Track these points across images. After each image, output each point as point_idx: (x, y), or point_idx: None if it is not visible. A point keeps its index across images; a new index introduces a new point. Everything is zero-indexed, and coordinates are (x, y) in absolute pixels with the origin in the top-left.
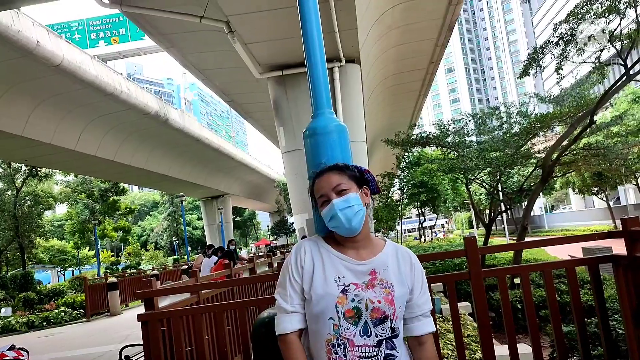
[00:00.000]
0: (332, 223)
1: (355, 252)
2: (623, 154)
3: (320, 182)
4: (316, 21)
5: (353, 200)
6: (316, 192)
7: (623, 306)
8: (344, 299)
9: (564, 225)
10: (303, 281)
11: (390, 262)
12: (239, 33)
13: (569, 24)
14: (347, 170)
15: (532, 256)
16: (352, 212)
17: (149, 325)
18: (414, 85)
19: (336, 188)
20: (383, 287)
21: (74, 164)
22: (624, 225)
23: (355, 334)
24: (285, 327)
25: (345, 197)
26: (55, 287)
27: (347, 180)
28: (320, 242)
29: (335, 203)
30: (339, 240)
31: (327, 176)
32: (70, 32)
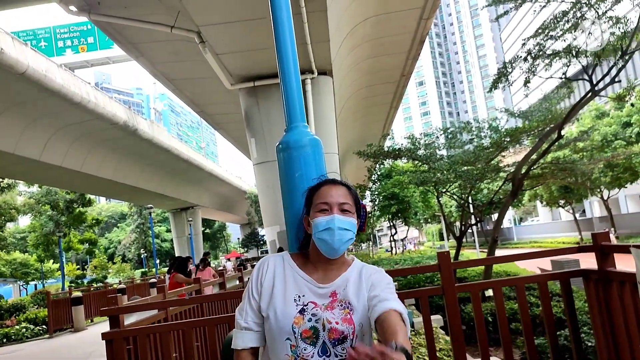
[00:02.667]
0: (322, 235)
1: (322, 274)
2: (589, 169)
3: (329, 190)
4: (290, 34)
5: (352, 226)
6: (319, 197)
7: (593, 319)
8: (300, 319)
9: (532, 237)
10: (261, 299)
11: (351, 281)
12: (210, 43)
13: (536, 40)
14: (354, 192)
15: (502, 269)
16: (346, 237)
17: (114, 344)
18: (386, 98)
19: (343, 205)
20: (342, 308)
21: (39, 174)
22: (594, 240)
23: (313, 354)
24: (237, 343)
25: (348, 219)
26: (16, 302)
27: (352, 203)
28: (287, 258)
29: (337, 219)
30: (311, 258)
31: (339, 188)
32: (37, 40)
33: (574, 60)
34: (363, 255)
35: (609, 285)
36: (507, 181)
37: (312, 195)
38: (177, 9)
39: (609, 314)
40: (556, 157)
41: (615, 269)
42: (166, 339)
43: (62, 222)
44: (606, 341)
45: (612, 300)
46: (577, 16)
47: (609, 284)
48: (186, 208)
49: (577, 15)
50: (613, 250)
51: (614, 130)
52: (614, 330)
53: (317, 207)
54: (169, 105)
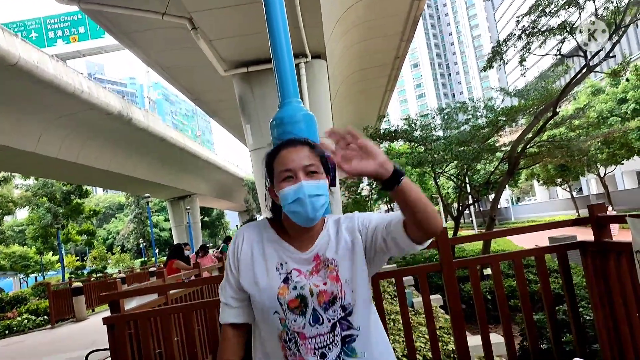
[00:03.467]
0: (293, 207)
1: (301, 240)
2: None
3: (289, 154)
4: (281, 11)
5: (323, 188)
6: (279, 164)
7: (591, 291)
8: (285, 289)
9: (529, 217)
10: (240, 274)
11: (331, 238)
12: (203, 30)
13: (530, 17)
14: (317, 148)
15: (500, 247)
16: (319, 203)
17: (115, 329)
18: (381, 81)
19: (308, 167)
20: (326, 267)
21: (35, 166)
22: (590, 212)
23: (304, 325)
24: (221, 317)
25: (316, 182)
26: (17, 294)
27: (317, 162)
28: (264, 226)
29: (306, 186)
30: (286, 227)
31: (299, 149)
32: (27, 31)
33: (568, 37)
34: None
35: (606, 256)
36: (503, 161)
37: (271, 162)
38: None
39: (607, 286)
40: (552, 135)
41: (612, 240)
42: (167, 322)
43: (60, 214)
44: (604, 313)
45: (609, 272)
46: None
47: (606, 256)
48: (184, 197)
49: None
50: (609, 221)
51: (610, 106)
52: (612, 301)
53: (280, 175)
54: (164, 94)
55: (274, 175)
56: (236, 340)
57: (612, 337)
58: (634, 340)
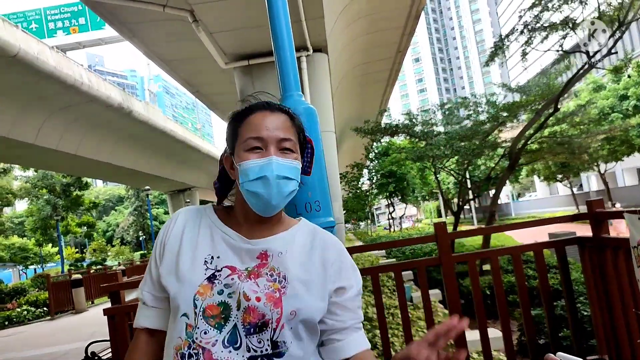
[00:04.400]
0: (254, 186)
1: (251, 230)
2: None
3: (263, 119)
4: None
5: (296, 172)
6: (248, 129)
7: (589, 288)
8: (207, 289)
9: (530, 212)
10: (162, 264)
11: (296, 245)
12: (204, 22)
13: (533, 12)
14: (297, 121)
15: (500, 243)
16: (288, 189)
17: (116, 320)
18: (382, 75)
19: (283, 142)
20: (272, 280)
21: (34, 158)
22: (589, 208)
23: (216, 342)
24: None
25: (290, 161)
26: (17, 285)
27: (295, 138)
28: (208, 211)
29: (276, 163)
30: (236, 213)
31: (277, 116)
32: (27, 22)
33: (571, 33)
34: (362, 233)
35: (603, 252)
36: (504, 157)
37: (237, 125)
38: None
39: (604, 281)
40: (553, 132)
41: (609, 235)
42: None
43: (60, 206)
44: (601, 308)
45: (606, 267)
46: None
47: (603, 251)
48: (183, 190)
49: None
50: (607, 217)
51: (611, 103)
52: (609, 296)
53: (246, 143)
54: (164, 87)
55: (237, 142)
56: (149, 349)
57: (608, 332)
58: (630, 336)
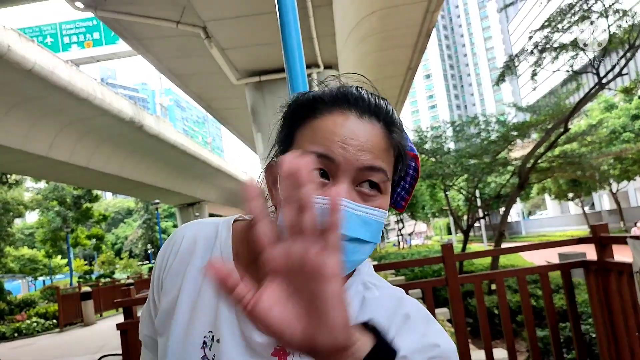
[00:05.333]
0: None
1: None
2: (596, 163)
3: (340, 127)
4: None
5: (376, 229)
6: (310, 137)
7: (593, 309)
8: None
9: (540, 231)
10: (158, 309)
11: None
12: (216, 39)
13: (543, 33)
14: (397, 134)
15: (510, 262)
16: (356, 258)
17: (128, 334)
18: (392, 92)
19: (367, 173)
20: None
21: (46, 170)
22: (593, 232)
23: None
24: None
25: (372, 211)
26: (26, 297)
27: (389, 166)
28: (224, 240)
29: (349, 215)
30: None
31: (367, 126)
32: (42, 36)
33: (581, 54)
34: None
35: (607, 275)
36: (514, 174)
37: (296, 125)
38: (182, 4)
39: (608, 304)
40: (564, 151)
41: (613, 260)
42: None
43: (70, 218)
44: (606, 331)
45: (610, 290)
46: (583, 9)
47: (607, 275)
48: (193, 203)
49: (584, 8)
50: (611, 241)
51: (623, 122)
52: (613, 319)
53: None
54: (175, 100)
55: (288, 148)
56: None
57: (612, 355)
58: (633, 359)
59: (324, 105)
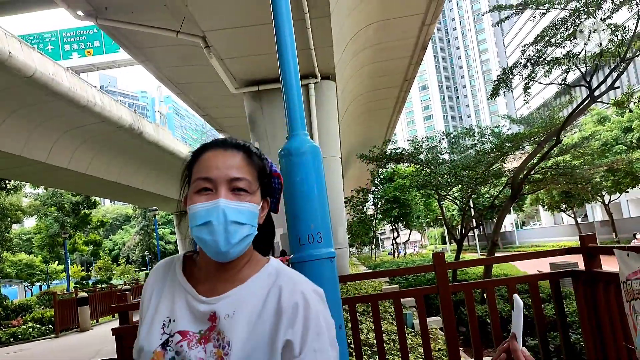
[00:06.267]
0: (201, 232)
1: (211, 285)
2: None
3: (213, 158)
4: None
5: (249, 215)
6: (198, 169)
7: (582, 318)
8: (160, 356)
9: (534, 241)
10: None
11: (248, 301)
12: (215, 48)
13: (536, 47)
14: (256, 159)
15: (503, 271)
16: (239, 235)
17: (124, 340)
18: (389, 102)
19: (235, 182)
20: (217, 346)
21: (45, 176)
22: (582, 242)
23: None
24: None
25: (240, 204)
26: (22, 302)
27: (252, 177)
28: (177, 264)
29: (224, 206)
30: (201, 262)
31: (230, 155)
32: (43, 43)
33: (573, 67)
34: (366, 258)
35: (595, 285)
36: (507, 186)
37: (191, 165)
38: (183, 14)
39: (596, 314)
40: (557, 162)
41: (601, 270)
42: None
43: (68, 224)
44: (594, 340)
45: (598, 300)
46: (575, 23)
47: (595, 284)
48: None
49: (576, 22)
50: (599, 251)
51: (615, 135)
52: (601, 329)
53: (195, 184)
54: (174, 108)
55: (190, 183)
56: None
57: None
58: None
59: (206, 148)
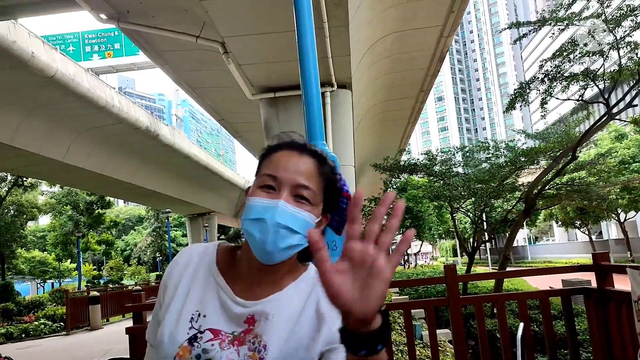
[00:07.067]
0: (251, 226)
1: (249, 283)
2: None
3: (284, 159)
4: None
5: (303, 224)
6: (268, 165)
7: (592, 336)
8: (186, 352)
9: (546, 257)
10: (162, 308)
11: (288, 305)
12: (234, 54)
13: (554, 62)
14: (328, 172)
15: (514, 286)
16: (286, 242)
17: (137, 339)
18: (404, 113)
19: (299, 188)
20: (253, 349)
21: (62, 175)
22: (594, 260)
23: None
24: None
25: (297, 211)
26: (35, 298)
27: (318, 189)
28: (211, 254)
29: (281, 208)
30: (242, 258)
31: (301, 160)
32: (65, 44)
33: (591, 84)
34: None
35: (607, 303)
36: (520, 200)
37: (262, 160)
38: (203, 19)
39: (607, 332)
40: (572, 178)
41: (613, 288)
42: None
43: (82, 223)
44: (604, 358)
45: (609, 319)
46: (595, 40)
47: (607, 303)
48: (203, 214)
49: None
50: (611, 269)
51: (632, 152)
52: (611, 347)
53: (261, 179)
54: (190, 112)
55: (257, 177)
56: None
57: None
58: None
59: (280, 147)
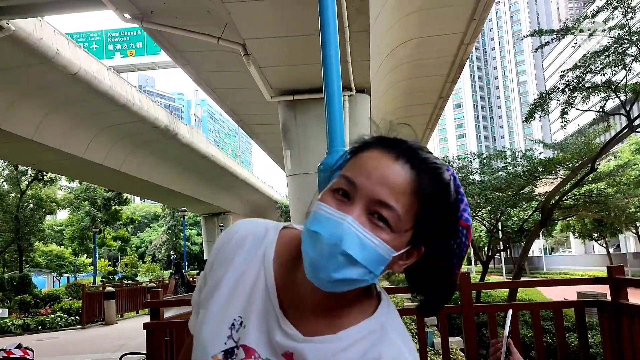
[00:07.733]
0: (307, 239)
1: (305, 310)
2: (622, 204)
3: (370, 162)
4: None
5: (371, 255)
6: (350, 166)
7: (605, 349)
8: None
9: (562, 269)
10: (206, 284)
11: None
12: (254, 56)
13: (575, 73)
14: (430, 192)
15: (528, 297)
16: (344, 273)
17: (154, 335)
18: (422, 119)
19: (377, 206)
20: None
21: (81, 171)
22: (609, 273)
23: None
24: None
25: (369, 235)
26: (51, 292)
27: (406, 213)
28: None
29: (347, 227)
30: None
31: (392, 167)
32: (89, 42)
33: (612, 95)
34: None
35: (620, 317)
36: (537, 210)
37: (352, 155)
38: (224, 21)
39: (620, 346)
40: (590, 190)
41: (627, 302)
42: None
43: (99, 219)
44: None
45: (622, 333)
46: (617, 52)
47: (620, 316)
48: (218, 213)
49: (618, 50)
50: (626, 283)
51: None
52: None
53: (337, 180)
54: (208, 112)
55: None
56: None
57: None
58: None
59: (372, 144)
